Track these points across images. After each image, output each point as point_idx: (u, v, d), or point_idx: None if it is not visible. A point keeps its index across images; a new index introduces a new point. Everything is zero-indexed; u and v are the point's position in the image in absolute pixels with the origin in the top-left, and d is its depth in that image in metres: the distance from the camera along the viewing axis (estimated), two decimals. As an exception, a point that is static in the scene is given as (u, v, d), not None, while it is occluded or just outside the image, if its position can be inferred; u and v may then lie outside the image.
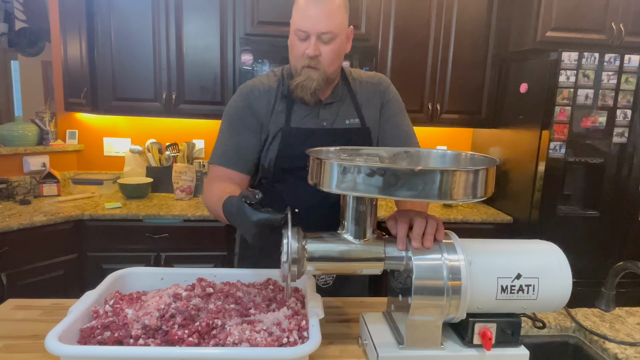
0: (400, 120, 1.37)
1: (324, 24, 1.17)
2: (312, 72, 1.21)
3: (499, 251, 0.94)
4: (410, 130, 1.37)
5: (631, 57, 2.35)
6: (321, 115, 1.30)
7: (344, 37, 1.24)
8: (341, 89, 1.34)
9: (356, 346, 1.03)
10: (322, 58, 1.21)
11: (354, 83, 1.36)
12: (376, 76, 1.40)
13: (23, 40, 4.47)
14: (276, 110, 1.29)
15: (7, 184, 2.66)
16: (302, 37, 1.20)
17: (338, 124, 1.31)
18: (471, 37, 2.78)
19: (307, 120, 1.29)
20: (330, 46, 1.20)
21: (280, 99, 1.30)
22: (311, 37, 1.18)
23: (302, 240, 0.90)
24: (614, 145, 2.43)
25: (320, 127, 1.29)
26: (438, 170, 0.79)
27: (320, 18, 1.16)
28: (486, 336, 0.90)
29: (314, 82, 1.21)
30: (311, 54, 1.19)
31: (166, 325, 0.88)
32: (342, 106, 1.33)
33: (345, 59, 2.60)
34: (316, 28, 1.17)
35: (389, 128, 1.36)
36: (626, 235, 2.52)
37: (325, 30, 1.17)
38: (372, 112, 1.35)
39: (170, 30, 2.64)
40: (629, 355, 1.06)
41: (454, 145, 3.25)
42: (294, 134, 1.27)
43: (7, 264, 2.16)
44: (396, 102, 1.38)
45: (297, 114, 1.29)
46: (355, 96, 1.35)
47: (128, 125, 3.06)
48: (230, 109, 1.33)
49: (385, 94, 1.37)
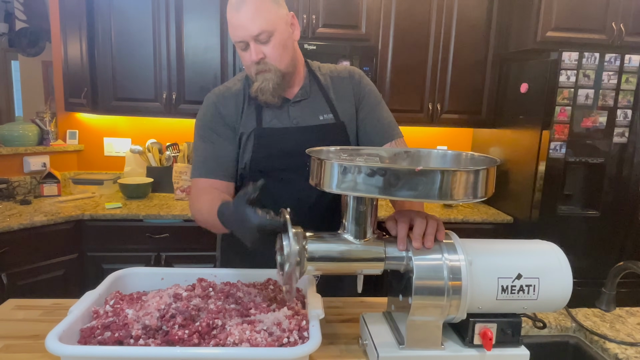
0: (380, 112, 1.35)
1: (253, 26, 1.14)
2: (265, 75, 1.20)
3: (500, 251, 0.94)
4: (392, 122, 1.35)
5: (631, 57, 2.35)
6: (291, 113, 1.29)
7: (284, 28, 1.20)
8: (310, 85, 1.32)
9: (356, 346, 1.03)
10: (268, 58, 1.19)
11: (324, 78, 1.34)
12: (347, 69, 1.37)
13: (23, 40, 4.47)
14: (246, 112, 1.28)
15: (8, 184, 2.66)
16: (243, 48, 1.19)
17: (311, 120, 1.29)
18: (471, 37, 2.78)
19: (278, 120, 1.28)
20: (271, 43, 1.18)
21: (248, 102, 1.29)
22: (250, 44, 1.17)
23: (303, 241, 0.90)
24: (614, 145, 2.43)
25: (293, 126, 1.28)
26: (438, 170, 0.79)
27: (248, 22, 1.14)
28: (486, 336, 0.90)
29: (270, 82, 1.20)
30: (255, 60, 1.18)
31: (166, 326, 0.88)
32: (314, 102, 1.31)
33: (346, 59, 2.61)
34: (249, 33, 1.15)
35: (371, 122, 1.34)
36: (626, 235, 2.52)
37: (257, 31, 1.15)
38: (346, 106, 1.33)
39: (170, 31, 2.64)
40: (630, 355, 1.06)
41: (454, 146, 3.25)
42: (267, 135, 1.27)
43: (8, 264, 2.16)
44: (373, 94, 1.36)
45: (268, 115, 1.28)
46: (327, 91, 1.32)
47: (128, 125, 3.07)
48: (200, 120, 1.31)
49: (360, 88, 1.35)
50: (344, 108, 1.32)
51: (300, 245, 0.89)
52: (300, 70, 1.31)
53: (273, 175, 1.27)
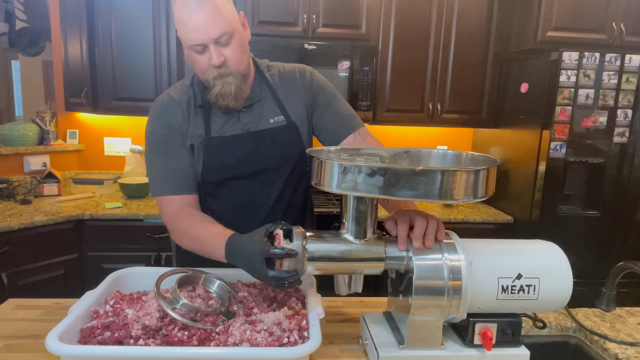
0: (337, 105, 1.31)
1: (214, 28, 1.07)
2: (226, 79, 1.13)
3: (500, 251, 0.94)
4: (351, 113, 1.32)
5: (632, 56, 2.35)
6: (242, 119, 1.23)
7: (240, 29, 1.15)
8: (259, 87, 1.27)
9: (356, 346, 1.03)
10: (229, 62, 1.13)
11: (273, 79, 1.29)
12: (296, 68, 1.33)
13: (24, 40, 4.47)
14: (193, 122, 1.21)
15: (8, 184, 2.66)
16: (199, 51, 1.11)
17: (262, 124, 1.24)
18: (472, 37, 2.78)
19: (228, 127, 1.22)
20: (231, 45, 1.12)
21: (194, 110, 1.22)
22: (209, 47, 1.09)
23: (303, 240, 0.90)
24: (614, 145, 2.43)
25: (244, 132, 1.23)
26: (439, 170, 0.79)
27: (209, 24, 1.06)
28: (487, 336, 0.90)
29: (232, 86, 1.14)
30: (217, 64, 1.10)
31: (166, 330, 0.88)
32: (264, 105, 1.26)
33: (346, 59, 2.61)
34: (209, 36, 1.07)
35: (329, 117, 1.30)
36: (626, 235, 2.52)
37: (219, 34, 1.08)
38: (297, 107, 1.28)
39: (170, 30, 2.63)
40: (630, 355, 1.06)
41: (454, 145, 3.25)
42: (217, 144, 1.21)
43: (8, 264, 2.16)
44: (327, 89, 1.32)
45: (216, 123, 1.22)
46: (276, 92, 1.28)
47: (128, 125, 3.06)
48: (150, 134, 1.23)
49: (311, 86, 1.30)
50: (295, 109, 1.28)
51: (300, 245, 0.89)
52: (251, 73, 1.26)
53: (227, 185, 1.24)
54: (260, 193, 1.27)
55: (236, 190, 1.26)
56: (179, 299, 0.91)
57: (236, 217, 1.25)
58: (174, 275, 1.01)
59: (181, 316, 0.88)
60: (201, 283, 1.03)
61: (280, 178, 1.27)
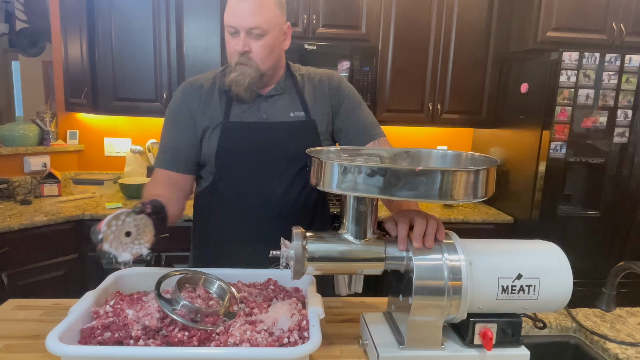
0: (361, 113, 1.35)
1: (252, 19, 1.15)
2: (244, 68, 1.20)
3: (500, 251, 0.94)
4: (373, 121, 1.35)
5: (632, 57, 2.35)
6: (262, 108, 1.28)
7: (278, 33, 1.22)
8: (284, 82, 1.32)
9: (357, 346, 1.03)
10: (253, 54, 1.19)
11: (301, 78, 1.34)
12: (326, 73, 1.37)
13: (24, 40, 4.47)
14: (214, 105, 1.28)
15: (8, 184, 2.66)
16: (232, 32, 1.19)
17: (282, 117, 1.29)
18: (472, 37, 2.78)
19: (247, 114, 1.28)
20: (261, 42, 1.19)
21: (218, 94, 1.29)
22: (240, 33, 1.17)
23: (303, 241, 0.90)
24: (614, 145, 2.43)
25: (261, 120, 1.27)
26: (439, 170, 0.79)
27: (249, 13, 1.15)
28: (487, 336, 0.90)
29: (247, 77, 1.20)
30: (240, 50, 1.18)
31: (166, 330, 0.88)
32: (287, 99, 1.30)
33: (346, 59, 2.61)
34: (244, 23, 1.16)
35: (352, 123, 1.33)
36: (627, 235, 2.52)
37: (253, 25, 1.16)
38: (320, 107, 1.32)
39: (170, 31, 2.64)
40: (630, 355, 1.06)
41: (454, 146, 3.25)
42: (234, 128, 1.26)
43: (8, 264, 2.16)
44: (353, 96, 1.36)
45: (237, 108, 1.28)
46: (302, 90, 1.32)
47: (129, 125, 3.07)
48: (169, 108, 1.34)
49: (339, 92, 1.34)
50: (317, 108, 1.32)
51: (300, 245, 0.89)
52: (279, 74, 1.32)
53: (238, 170, 1.27)
54: (270, 183, 1.28)
55: (247, 176, 1.28)
56: (179, 300, 0.91)
57: (244, 204, 1.28)
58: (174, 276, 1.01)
59: (181, 317, 0.88)
60: (201, 284, 1.03)
61: (291, 171, 1.28)
